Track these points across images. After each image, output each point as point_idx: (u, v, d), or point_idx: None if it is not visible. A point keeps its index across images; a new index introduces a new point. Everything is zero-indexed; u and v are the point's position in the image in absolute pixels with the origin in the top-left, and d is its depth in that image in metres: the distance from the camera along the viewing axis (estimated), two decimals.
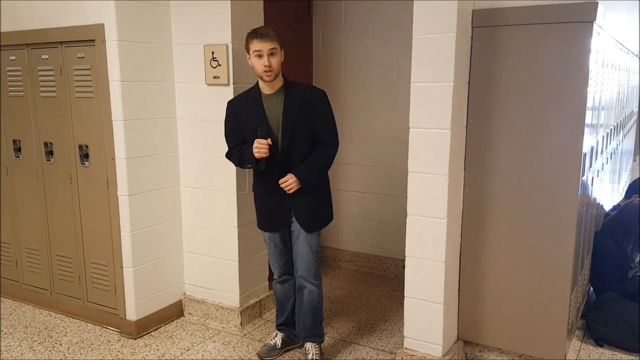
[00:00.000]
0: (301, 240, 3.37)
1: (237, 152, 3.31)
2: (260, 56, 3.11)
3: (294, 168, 3.23)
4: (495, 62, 3.11)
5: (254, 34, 3.12)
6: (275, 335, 3.67)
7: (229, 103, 3.40)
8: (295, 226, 3.35)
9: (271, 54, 3.10)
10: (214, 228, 3.97)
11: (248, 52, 3.18)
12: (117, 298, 3.92)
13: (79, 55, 3.74)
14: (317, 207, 3.37)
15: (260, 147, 3.11)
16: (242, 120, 3.30)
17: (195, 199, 4.03)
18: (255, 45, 3.10)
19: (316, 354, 3.52)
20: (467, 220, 3.33)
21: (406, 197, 3.17)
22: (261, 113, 3.22)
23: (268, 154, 3.13)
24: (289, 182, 3.19)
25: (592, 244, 4.20)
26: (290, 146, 3.21)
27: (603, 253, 4.19)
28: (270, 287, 4.12)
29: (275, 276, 3.58)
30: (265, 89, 3.24)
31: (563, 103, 2.98)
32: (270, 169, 3.22)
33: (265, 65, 3.10)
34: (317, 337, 3.57)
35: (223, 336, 3.90)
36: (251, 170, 3.39)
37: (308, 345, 3.55)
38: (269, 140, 3.12)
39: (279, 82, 3.24)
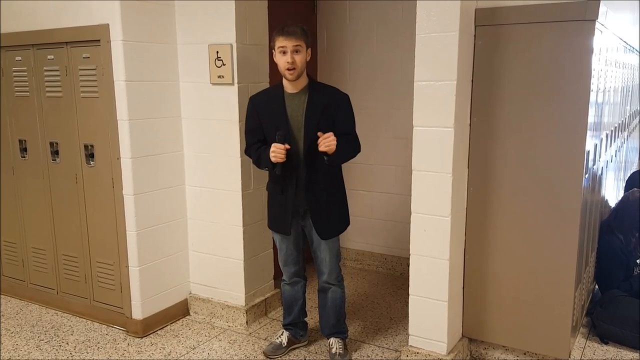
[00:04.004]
0: (323, 246, 3.35)
1: (255, 152, 3.28)
2: (284, 53, 3.07)
3: (315, 170, 3.20)
4: (498, 60, 3.12)
5: (279, 31, 3.08)
6: (281, 334, 3.68)
7: (251, 99, 3.35)
8: (314, 233, 3.33)
9: (295, 51, 3.06)
10: (219, 227, 3.99)
11: (273, 48, 3.14)
12: (123, 297, 3.94)
13: (84, 55, 3.76)
14: (335, 213, 3.35)
15: (277, 152, 3.07)
16: (263, 118, 3.26)
17: (200, 198, 4.04)
18: (280, 41, 3.07)
19: (340, 348, 3.53)
20: (471, 217, 3.34)
21: (411, 195, 3.18)
22: (282, 112, 3.18)
23: (285, 159, 3.09)
24: (331, 138, 3.03)
25: (597, 241, 4.20)
26: (311, 147, 3.15)
27: (608, 250, 4.19)
28: (276, 286, 4.14)
29: (285, 277, 3.57)
30: (289, 87, 3.20)
31: (566, 101, 2.98)
32: (289, 170, 3.18)
33: (288, 62, 3.06)
34: (340, 333, 3.60)
35: (229, 335, 3.92)
36: (258, 169, 3.38)
37: (332, 340, 3.57)
38: (287, 145, 3.08)
39: (303, 81, 3.20)
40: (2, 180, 4.49)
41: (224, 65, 3.71)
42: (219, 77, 3.75)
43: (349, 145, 3.24)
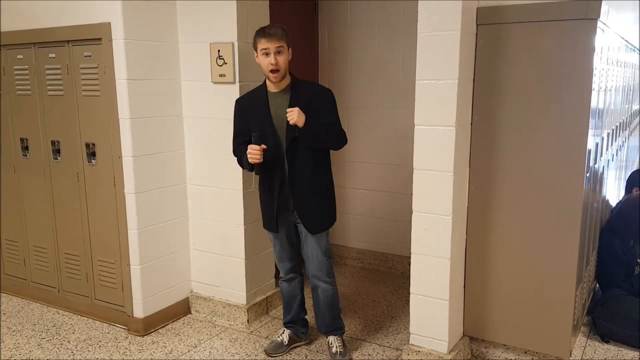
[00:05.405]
0: (310, 242, 3.36)
1: (238, 154, 3.33)
2: (267, 54, 3.10)
3: (298, 166, 3.22)
4: (500, 59, 3.12)
5: (261, 33, 3.11)
6: (282, 332, 3.69)
7: (237, 101, 3.40)
8: (302, 228, 3.35)
9: (278, 52, 3.09)
10: (220, 225, 3.99)
11: (256, 50, 3.17)
12: (124, 295, 3.94)
13: (85, 53, 3.76)
14: (321, 208, 3.35)
15: (253, 154, 3.10)
16: (249, 119, 3.29)
17: (201, 196, 4.04)
18: (263, 43, 3.09)
19: (339, 345, 3.55)
20: (472, 216, 3.34)
21: (412, 194, 3.18)
22: (266, 112, 3.21)
23: (261, 159, 3.11)
24: (294, 110, 3.05)
25: (598, 240, 4.20)
26: (294, 145, 3.18)
27: (609, 250, 4.19)
28: (277, 285, 4.14)
29: (282, 274, 3.59)
30: (272, 87, 3.24)
31: (567, 100, 2.98)
32: (273, 168, 3.22)
33: (271, 64, 3.09)
34: (337, 330, 3.60)
35: (230, 333, 3.92)
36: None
37: (331, 338, 3.58)
38: (263, 146, 3.11)
39: (286, 80, 3.23)
40: (3, 178, 4.50)
41: (226, 64, 3.72)
42: (221, 75, 3.75)
43: (326, 129, 3.20)
